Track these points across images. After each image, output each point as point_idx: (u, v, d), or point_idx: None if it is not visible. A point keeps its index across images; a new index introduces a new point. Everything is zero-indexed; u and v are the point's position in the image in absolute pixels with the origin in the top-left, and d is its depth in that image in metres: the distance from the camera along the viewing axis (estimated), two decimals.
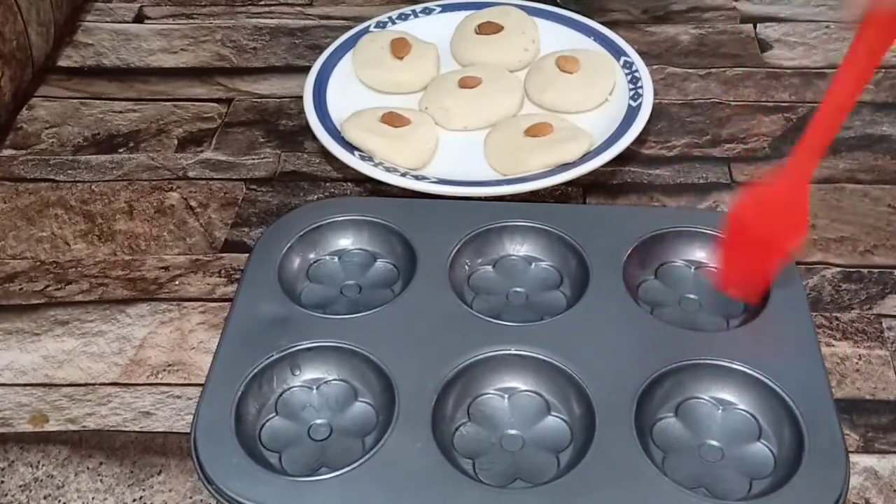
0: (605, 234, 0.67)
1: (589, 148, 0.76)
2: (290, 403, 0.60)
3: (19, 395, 0.63)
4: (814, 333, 0.61)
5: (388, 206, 0.71)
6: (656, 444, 0.57)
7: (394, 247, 0.68)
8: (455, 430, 0.58)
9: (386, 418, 0.57)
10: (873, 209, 0.75)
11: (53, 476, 0.59)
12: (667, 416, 0.59)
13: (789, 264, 0.64)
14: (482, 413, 0.59)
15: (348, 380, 0.61)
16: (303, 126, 0.82)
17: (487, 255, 0.68)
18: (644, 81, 0.82)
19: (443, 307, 0.63)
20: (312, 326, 0.62)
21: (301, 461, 0.57)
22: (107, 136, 0.84)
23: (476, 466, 0.56)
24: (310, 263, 0.68)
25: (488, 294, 0.66)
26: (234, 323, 0.63)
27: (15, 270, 0.72)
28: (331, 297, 0.67)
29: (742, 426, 0.58)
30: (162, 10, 0.99)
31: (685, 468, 0.56)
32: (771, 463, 0.56)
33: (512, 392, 0.60)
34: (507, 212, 0.70)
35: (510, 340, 0.61)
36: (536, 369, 0.60)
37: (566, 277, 0.67)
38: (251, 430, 0.58)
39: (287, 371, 0.61)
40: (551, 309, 0.65)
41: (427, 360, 0.59)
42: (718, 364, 0.59)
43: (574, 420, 0.58)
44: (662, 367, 0.59)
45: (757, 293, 0.63)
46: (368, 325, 0.62)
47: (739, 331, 0.63)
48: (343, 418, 0.59)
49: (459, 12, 0.91)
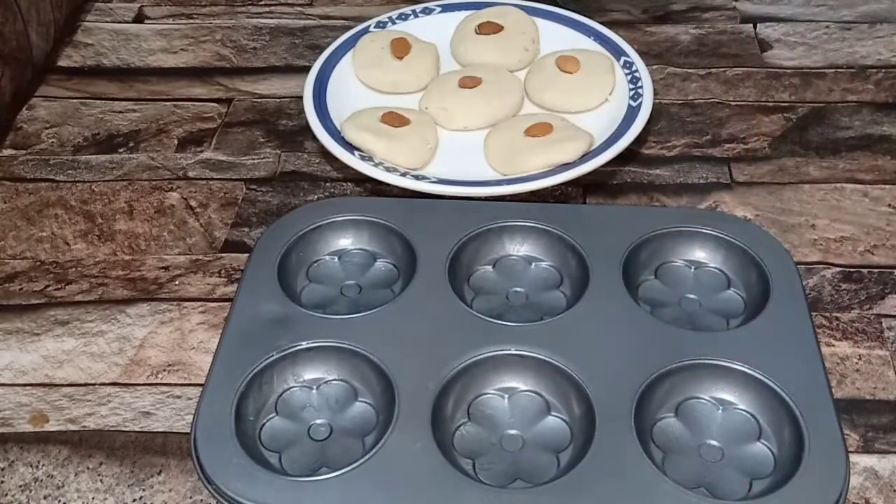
0: (605, 234, 0.67)
1: (589, 148, 0.76)
2: (290, 403, 0.60)
3: (19, 395, 0.63)
4: (814, 333, 0.61)
5: (388, 206, 0.71)
6: (656, 444, 0.57)
7: (394, 247, 0.68)
8: (455, 430, 0.58)
9: (386, 418, 0.57)
10: (873, 209, 0.75)
11: (53, 476, 0.59)
12: (667, 416, 0.59)
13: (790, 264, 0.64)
14: (482, 413, 0.59)
15: (348, 380, 0.61)
16: (303, 126, 0.82)
17: (487, 255, 0.68)
18: (644, 81, 0.82)
19: (443, 307, 0.63)
20: (312, 326, 0.62)
21: (301, 461, 0.57)
22: (107, 136, 0.84)
23: (476, 466, 0.56)
24: (310, 263, 0.68)
25: (488, 294, 0.66)
26: (234, 323, 0.62)
27: (15, 270, 0.72)
28: (331, 297, 0.66)
29: (742, 426, 0.58)
30: (162, 10, 1.00)
31: (685, 468, 0.56)
32: (771, 463, 0.56)
33: (512, 392, 0.60)
34: (507, 212, 0.70)
35: (510, 340, 0.61)
36: (536, 369, 0.60)
37: (566, 277, 0.67)
38: (251, 430, 0.58)
39: (287, 371, 0.61)
40: (551, 309, 0.65)
41: (427, 360, 0.59)
42: (718, 364, 0.59)
43: (574, 420, 0.58)
44: (662, 367, 0.59)
45: None
46: (368, 325, 0.62)
47: (739, 331, 0.63)
48: (343, 418, 0.59)
49: (459, 12, 0.91)
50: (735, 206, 0.75)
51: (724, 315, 0.65)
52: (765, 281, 0.64)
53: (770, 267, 0.65)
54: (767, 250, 0.66)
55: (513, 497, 0.53)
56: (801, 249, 0.72)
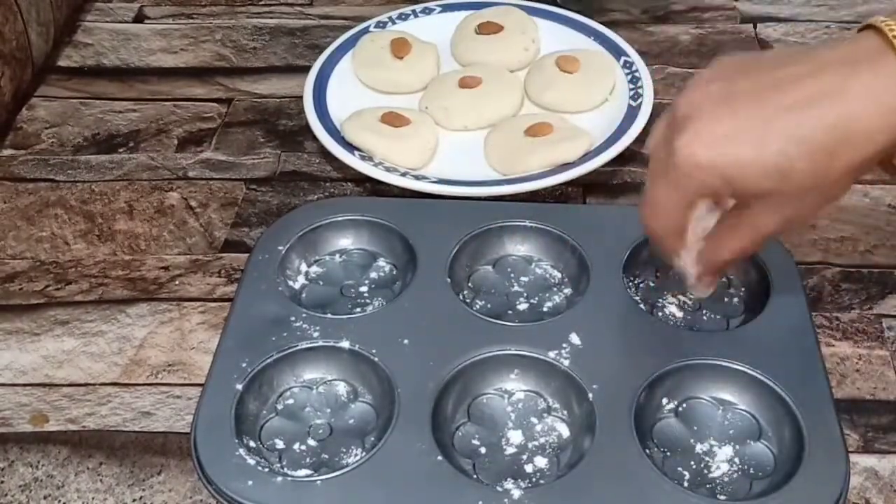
0: (605, 234, 0.67)
1: (589, 148, 0.76)
2: (291, 403, 0.60)
3: (19, 395, 0.63)
4: (814, 333, 0.61)
5: (388, 206, 0.71)
6: (656, 444, 0.57)
7: (394, 247, 0.68)
8: (455, 430, 0.58)
9: (386, 418, 0.57)
10: (873, 209, 0.75)
11: (53, 476, 0.59)
12: (667, 416, 0.59)
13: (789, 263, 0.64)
14: (482, 413, 0.59)
15: (348, 380, 0.61)
16: (303, 126, 0.82)
17: (487, 255, 0.68)
18: (644, 81, 0.82)
19: (443, 307, 0.63)
20: (312, 326, 0.62)
21: (301, 461, 0.57)
22: (107, 136, 0.84)
23: (476, 467, 0.56)
24: (310, 263, 0.68)
25: (488, 294, 0.66)
26: (234, 323, 0.62)
27: (15, 270, 0.72)
28: (331, 296, 0.66)
29: (742, 426, 0.58)
30: (162, 10, 0.99)
31: (685, 468, 0.56)
32: (771, 462, 0.56)
33: (512, 392, 0.60)
34: (507, 212, 0.70)
35: (510, 340, 0.61)
36: (536, 369, 0.60)
37: (566, 277, 0.67)
38: (251, 430, 0.58)
39: (287, 371, 0.60)
40: (551, 309, 0.65)
41: (427, 360, 0.59)
42: (718, 364, 0.59)
43: (574, 420, 0.58)
44: (662, 367, 0.59)
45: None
46: (368, 325, 0.62)
47: (739, 331, 0.63)
48: (343, 418, 0.59)
49: (459, 12, 0.91)
50: None
51: (724, 315, 0.65)
52: (765, 280, 0.64)
53: (770, 266, 0.65)
54: (768, 250, 0.66)
55: (512, 497, 0.53)
56: (801, 249, 0.72)
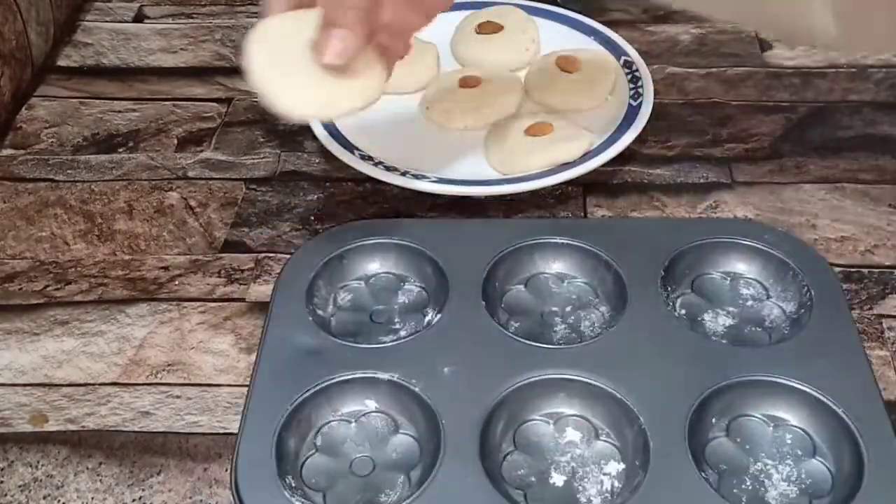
0: (638, 247, 0.65)
1: (589, 147, 0.76)
2: (330, 438, 0.58)
3: (19, 395, 0.63)
4: (859, 342, 0.60)
5: (414, 227, 0.69)
6: (710, 466, 0.56)
7: (422, 269, 0.66)
8: (503, 460, 0.56)
9: (431, 450, 0.55)
10: (873, 209, 0.75)
11: (53, 476, 0.59)
12: (718, 437, 0.57)
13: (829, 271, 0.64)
14: (528, 441, 0.57)
15: (388, 411, 0.59)
16: (302, 126, 0.82)
17: (519, 275, 0.66)
18: (644, 81, 0.82)
19: (479, 331, 0.61)
20: (346, 357, 0.60)
21: (346, 498, 0.55)
22: (106, 136, 0.84)
23: (528, 497, 0.54)
24: (337, 290, 0.66)
25: (523, 314, 0.65)
26: (267, 356, 0.60)
27: (15, 270, 0.72)
28: (361, 323, 0.64)
29: (796, 444, 0.57)
30: (162, 9, 0.99)
31: (741, 488, 0.55)
32: (829, 481, 0.55)
33: (558, 417, 0.58)
34: (536, 229, 0.68)
35: (552, 364, 0.59)
36: (582, 393, 0.58)
37: (601, 294, 0.65)
38: (293, 468, 0.56)
39: (324, 405, 0.58)
40: (588, 327, 0.63)
41: (468, 388, 0.57)
42: (766, 380, 0.58)
43: (625, 444, 0.56)
44: (712, 386, 0.57)
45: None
46: (405, 353, 0.60)
47: (784, 345, 0.61)
48: (385, 452, 0.57)
49: (459, 12, 0.91)
50: (735, 206, 0.75)
51: (765, 327, 0.63)
52: (806, 292, 0.63)
53: (810, 277, 0.63)
54: (805, 260, 0.65)
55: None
56: None
